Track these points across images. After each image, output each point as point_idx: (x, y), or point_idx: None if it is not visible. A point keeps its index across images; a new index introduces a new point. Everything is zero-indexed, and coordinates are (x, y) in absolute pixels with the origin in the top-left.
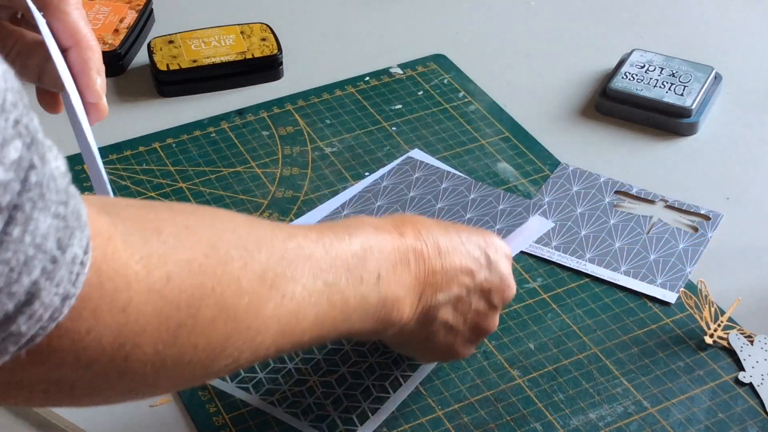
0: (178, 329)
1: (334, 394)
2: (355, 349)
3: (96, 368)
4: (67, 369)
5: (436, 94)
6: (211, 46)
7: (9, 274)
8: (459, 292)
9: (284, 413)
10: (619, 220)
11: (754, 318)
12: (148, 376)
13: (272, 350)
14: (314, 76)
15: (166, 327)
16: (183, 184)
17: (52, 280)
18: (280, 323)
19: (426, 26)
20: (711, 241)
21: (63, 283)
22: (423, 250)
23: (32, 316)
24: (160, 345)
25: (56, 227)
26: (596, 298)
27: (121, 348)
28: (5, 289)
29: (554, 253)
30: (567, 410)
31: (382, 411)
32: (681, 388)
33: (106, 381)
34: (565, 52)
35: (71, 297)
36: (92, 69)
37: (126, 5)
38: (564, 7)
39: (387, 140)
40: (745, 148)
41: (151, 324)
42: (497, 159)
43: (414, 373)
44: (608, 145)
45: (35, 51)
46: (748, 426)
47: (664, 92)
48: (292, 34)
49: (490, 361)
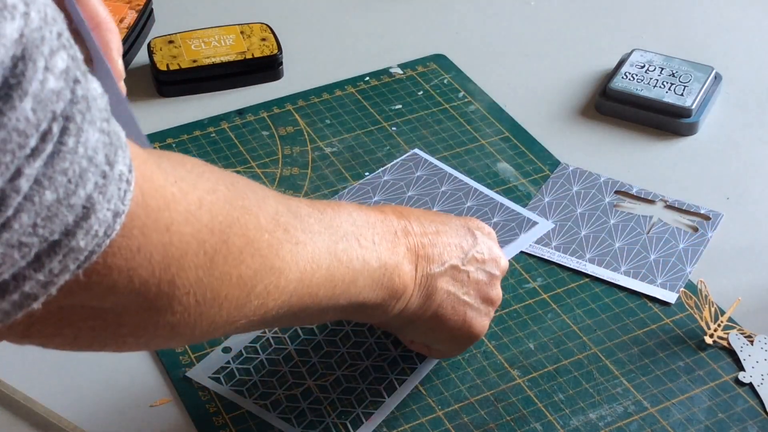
0: (215, 255)
1: (329, 399)
2: (350, 351)
3: (146, 293)
4: (119, 294)
5: (436, 94)
6: (211, 46)
7: (67, 185)
8: (453, 263)
9: (277, 418)
10: (619, 220)
11: (754, 318)
12: (190, 310)
13: (295, 300)
14: (314, 76)
15: (203, 251)
16: None
17: (104, 195)
18: (299, 268)
19: (426, 26)
20: (711, 241)
21: (113, 199)
22: (408, 228)
23: (89, 231)
24: (200, 270)
25: (103, 142)
26: (596, 298)
27: (167, 269)
28: (65, 201)
29: (554, 253)
30: (567, 410)
31: (376, 416)
32: (681, 388)
33: (153, 313)
34: (565, 52)
35: (121, 214)
36: (113, 50)
37: (126, 5)
38: (564, 7)
39: (387, 140)
40: (745, 148)
41: (191, 246)
42: (497, 159)
43: (410, 377)
44: (608, 145)
45: None
46: (748, 426)
47: (664, 92)
48: (292, 34)
49: (490, 361)
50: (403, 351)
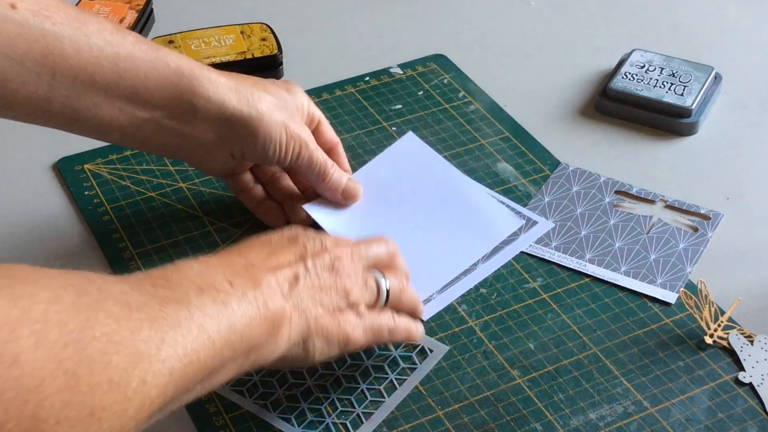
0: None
1: (329, 399)
2: None
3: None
4: None
5: (436, 94)
6: (211, 46)
7: None
8: (292, 271)
9: (277, 418)
10: (619, 220)
11: (754, 318)
12: None
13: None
14: (314, 76)
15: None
16: (183, 184)
17: None
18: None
19: (426, 26)
20: (711, 241)
21: None
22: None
23: None
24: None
25: None
26: (596, 298)
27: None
28: None
29: (554, 253)
30: (567, 410)
31: (376, 416)
32: (681, 388)
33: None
34: (565, 52)
35: None
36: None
37: (126, 5)
38: (564, 7)
39: (387, 140)
40: (745, 148)
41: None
42: (497, 159)
43: (410, 377)
44: (608, 145)
45: None
46: (748, 426)
47: (664, 92)
48: (292, 34)
49: (490, 361)
50: (403, 351)
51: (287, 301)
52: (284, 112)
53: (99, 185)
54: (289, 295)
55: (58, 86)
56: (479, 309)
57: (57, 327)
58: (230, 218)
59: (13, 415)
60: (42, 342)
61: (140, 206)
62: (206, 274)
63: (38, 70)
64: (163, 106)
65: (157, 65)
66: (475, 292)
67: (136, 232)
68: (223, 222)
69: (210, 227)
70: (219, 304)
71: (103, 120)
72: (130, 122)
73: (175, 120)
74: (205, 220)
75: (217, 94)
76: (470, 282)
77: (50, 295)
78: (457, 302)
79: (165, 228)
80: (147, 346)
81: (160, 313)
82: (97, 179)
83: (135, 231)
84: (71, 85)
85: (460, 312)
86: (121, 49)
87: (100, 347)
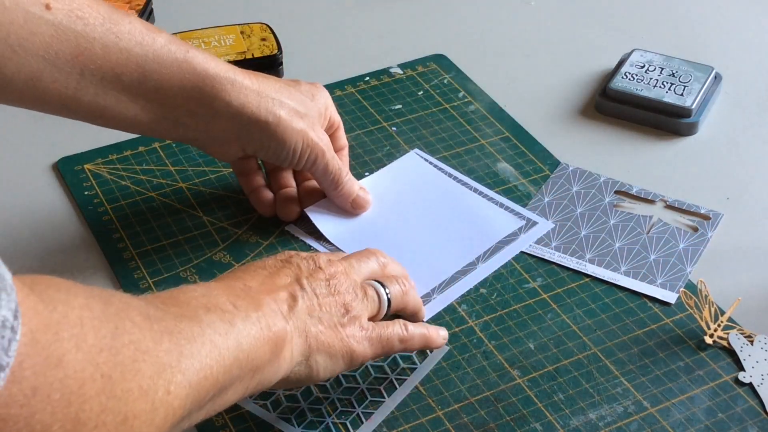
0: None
1: (329, 399)
2: None
3: None
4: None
5: (436, 94)
6: (211, 46)
7: None
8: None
9: (277, 418)
10: (619, 220)
11: (754, 318)
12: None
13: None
14: (314, 76)
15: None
16: (183, 184)
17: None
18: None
19: (426, 26)
20: (711, 241)
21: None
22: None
23: None
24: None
25: None
26: (596, 298)
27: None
28: None
29: (554, 253)
30: (567, 410)
31: (376, 416)
32: (681, 388)
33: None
34: (565, 52)
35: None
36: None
37: (126, 5)
38: (564, 7)
39: (387, 140)
40: (745, 148)
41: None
42: (497, 159)
43: (410, 377)
44: (608, 145)
45: None
46: (748, 426)
47: (664, 92)
48: (292, 34)
49: (490, 361)
50: None
51: (287, 322)
52: (305, 119)
53: (99, 185)
54: (289, 315)
55: (86, 84)
56: (479, 309)
57: (92, 331)
58: (230, 218)
59: (59, 417)
60: (81, 345)
61: (140, 206)
62: (210, 296)
63: (68, 70)
64: (185, 106)
65: (183, 67)
66: (475, 292)
67: (136, 232)
68: (223, 222)
69: (210, 227)
70: (226, 323)
71: (126, 116)
72: (151, 118)
73: (194, 119)
74: (205, 220)
75: (239, 99)
76: (470, 282)
77: (82, 302)
78: (457, 302)
79: (165, 228)
80: (169, 357)
81: (176, 327)
82: (97, 179)
83: (135, 231)
84: (98, 84)
85: (460, 312)
86: (149, 50)
87: (130, 354)
